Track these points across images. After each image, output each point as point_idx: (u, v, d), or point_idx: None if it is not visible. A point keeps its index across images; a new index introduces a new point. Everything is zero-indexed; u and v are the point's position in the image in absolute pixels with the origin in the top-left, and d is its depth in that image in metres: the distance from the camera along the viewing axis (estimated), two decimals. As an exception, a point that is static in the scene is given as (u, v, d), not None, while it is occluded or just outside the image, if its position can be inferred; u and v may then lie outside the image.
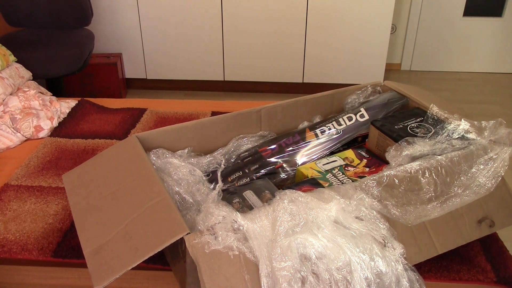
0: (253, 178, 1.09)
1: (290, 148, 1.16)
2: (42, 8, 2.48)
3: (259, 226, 0.78)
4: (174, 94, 3.20)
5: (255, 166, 1.12)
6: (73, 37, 2.50)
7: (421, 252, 0.91)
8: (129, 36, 3.02)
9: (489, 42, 3.49)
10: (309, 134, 1.19)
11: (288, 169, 1.13)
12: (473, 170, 0.95)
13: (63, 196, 1.20)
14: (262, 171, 1.11)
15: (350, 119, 1.22)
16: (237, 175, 1.10)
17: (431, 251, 0.92)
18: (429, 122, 1.09)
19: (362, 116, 1.22)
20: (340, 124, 1.21)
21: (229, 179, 1.09)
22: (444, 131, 1.03)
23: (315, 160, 1.15)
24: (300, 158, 1.15)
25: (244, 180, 1.09)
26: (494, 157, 0.95)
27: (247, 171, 1.11)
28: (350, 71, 3.05)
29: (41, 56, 2.29)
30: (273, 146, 1.17)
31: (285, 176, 1.12)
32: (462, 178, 0.94)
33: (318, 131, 1.20)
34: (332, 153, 1.18)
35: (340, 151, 1.18)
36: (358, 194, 0.86)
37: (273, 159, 1.14)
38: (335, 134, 1.19)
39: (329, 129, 1.20)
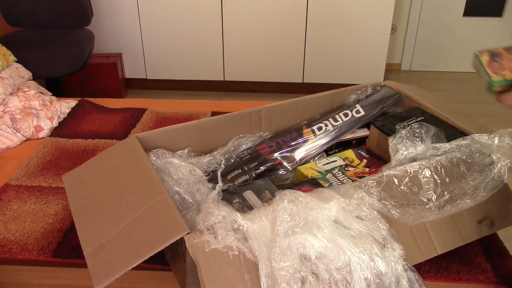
0: (252, 175, 1.10)
1: (288, 145, 1.17)
2: (42, 8, 2.48)
3: (259, 226, 0.78)
4: (174, 94, 3.20)
5: (254, 164, 1.12)
6: (73, 37, 2.50)
7: (421, 252, 0.91)
8: (129, 36, 3.02)
9: (489, 42, 3.49)
10: (306, 131, 1.20)
11: (287, 165, 1.14)
12: (474, 175, 0.94)
13: (63, 196, 1.20)
14: (261, 168, 1.11)
15: (346, 115, 1.23)
16: (236, 172, 1.10)
17: (431, 251, 0.92)
18: (430, 121, 1.09)
19: (358, 112, 1.24)
20: (336, 121, 1.22)
21: (228, 177, 1.10)
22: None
23: (314, 156, 1.16)
24: (298, 155, 1.16)
25: (244, 178, 1.09)
26: (495, 165, 0.95)
27: (246, 168, 1.11)
28: (350, 71, 3.05)
29: (41, 56, 2.29)
30: (271, 144, 1.18)
31: (284, 172, 1.13)
32: (461, 182, 0.93)
33: (315, 127, 1.20)
34: (329, 149, 1.19)
35: (339, 151, 1.18)
36: (358, 193, 0.86)
37: (271, 157, 1.14)
38: (332, 131, 1.20)
39: (326, 125, 1.21)
